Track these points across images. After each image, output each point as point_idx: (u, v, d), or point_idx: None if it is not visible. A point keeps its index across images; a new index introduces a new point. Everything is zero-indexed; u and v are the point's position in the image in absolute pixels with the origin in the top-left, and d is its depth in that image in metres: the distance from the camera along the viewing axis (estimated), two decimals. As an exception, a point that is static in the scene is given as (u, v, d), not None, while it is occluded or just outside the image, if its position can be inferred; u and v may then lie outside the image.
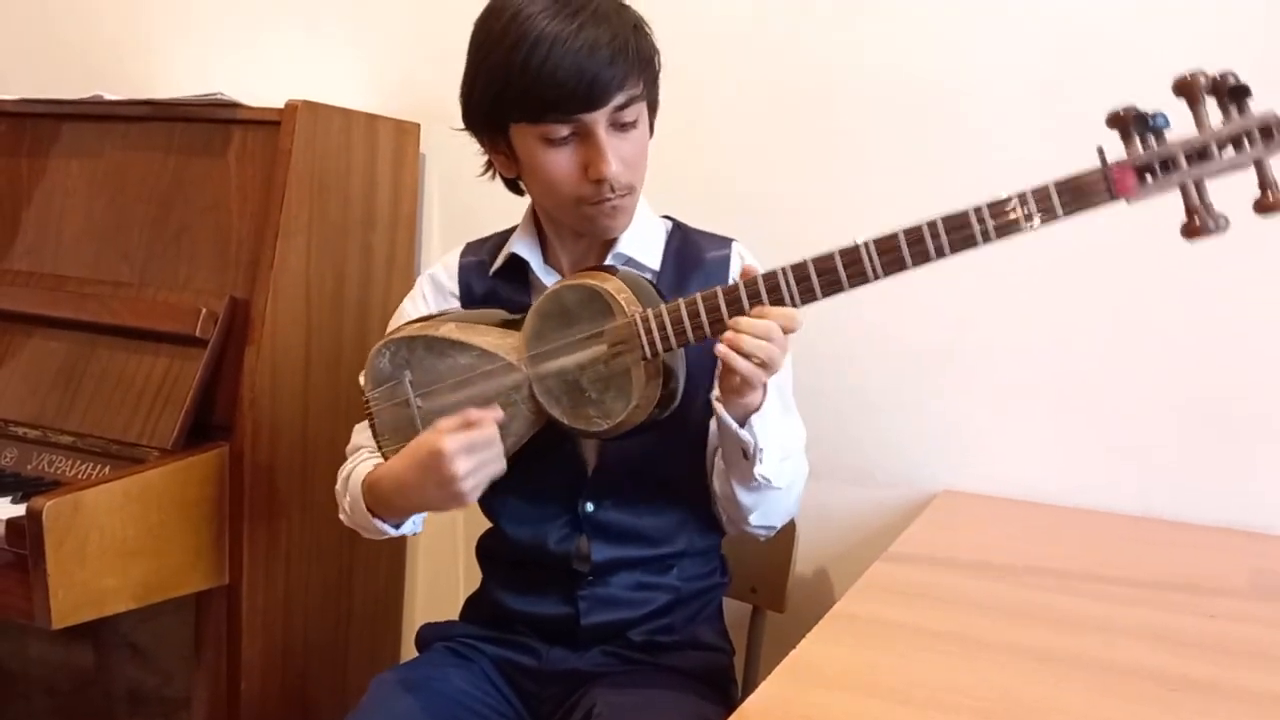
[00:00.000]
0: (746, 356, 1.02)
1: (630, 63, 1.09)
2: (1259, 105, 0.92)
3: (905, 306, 1.53)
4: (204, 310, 1.51)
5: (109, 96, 1.74)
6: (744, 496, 1.17)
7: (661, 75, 1.18)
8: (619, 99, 1.09)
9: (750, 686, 1.40)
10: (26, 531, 1.30)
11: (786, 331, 1.03)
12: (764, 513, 1.20)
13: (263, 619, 1.59)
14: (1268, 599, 1.15)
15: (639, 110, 1.14)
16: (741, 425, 1.10)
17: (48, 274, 1.72)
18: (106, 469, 1.50)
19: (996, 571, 1.17)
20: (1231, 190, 0.94)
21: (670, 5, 1.28)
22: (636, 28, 1.13)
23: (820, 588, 1.62)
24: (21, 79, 2.07)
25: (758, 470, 1.12)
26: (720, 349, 1.03)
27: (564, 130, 1.10)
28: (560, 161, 1.12)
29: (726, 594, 1.35)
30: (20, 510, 1.34)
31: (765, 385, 1.09)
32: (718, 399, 1.11)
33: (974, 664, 0.91)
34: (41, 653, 1.83)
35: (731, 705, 1.22)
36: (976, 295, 1.51)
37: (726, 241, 1.26)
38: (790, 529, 1.45)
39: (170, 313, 1.55)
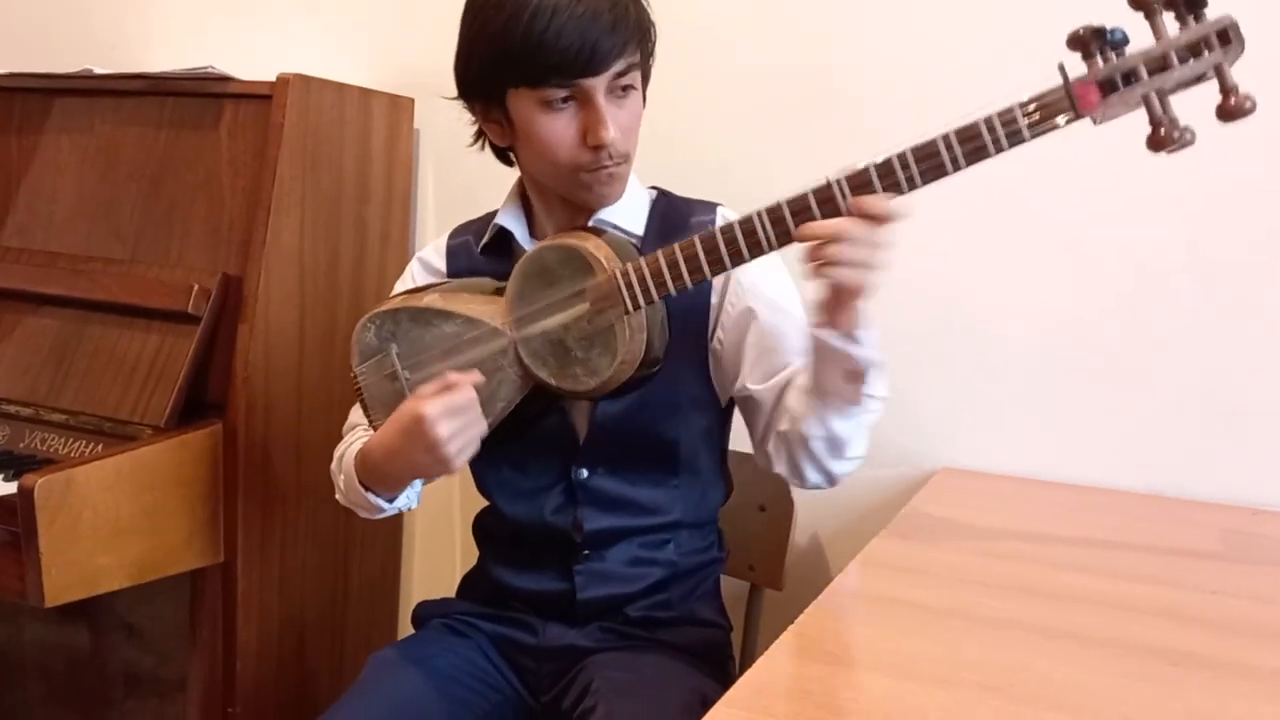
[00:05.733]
0: (834, 264, 0.96)
1: (630, 30, 1.10)
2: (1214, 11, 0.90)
3: (902, 284, 1.50)
4: (196, 287, 1.50)
5: (99, 71, 1.72)
6: (842, 428, 1.09)
7: (661, 54, 1.18)
8: (619, 65, 1.09)
9: (748, 664, 1.39)
10: (18, 509, 1.29)
11: (874, 220, 0.96)
12: (858, 443, 1.13)
13: (258, 598, 1.58)
14: (1269, 574, 1.14)
15: (636, 78, 1.14)
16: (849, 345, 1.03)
17: (39, 251, 1.70)
18: (99, 447, 1.49)
19: (995, 548, 1.17)
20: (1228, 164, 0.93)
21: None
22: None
23: (818, 565, 1.61)
24: (11, 53, 2.05)
25: (868, 390, 1.05)
26: (808, 267, 0.97)
27: (563, 93, 1.09)
28: (559, 127, 1.11)
29: (724, 571, 1.34)
30: (12, 488, 1.33)
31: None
32: (818, 325, 1.03)
33: (974, 639, 0.90)
34: (37, 635, 1.83)
35: (729, 682, 1.21)
36: (975, 272, 1.50)
37: (711, 206, 1.24)
38: (789, 506, 1.44)
39: (162, 289, 1.54)
